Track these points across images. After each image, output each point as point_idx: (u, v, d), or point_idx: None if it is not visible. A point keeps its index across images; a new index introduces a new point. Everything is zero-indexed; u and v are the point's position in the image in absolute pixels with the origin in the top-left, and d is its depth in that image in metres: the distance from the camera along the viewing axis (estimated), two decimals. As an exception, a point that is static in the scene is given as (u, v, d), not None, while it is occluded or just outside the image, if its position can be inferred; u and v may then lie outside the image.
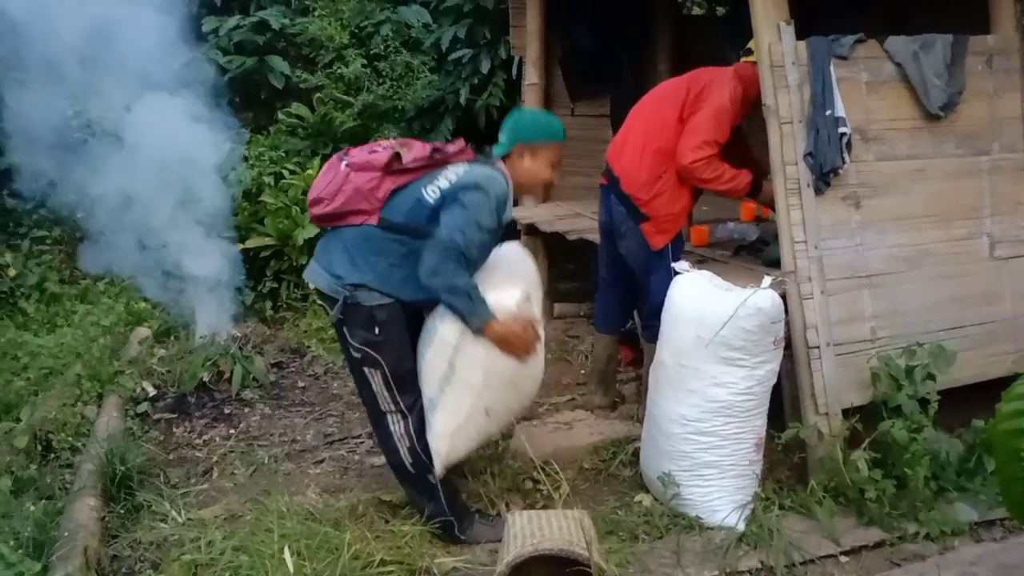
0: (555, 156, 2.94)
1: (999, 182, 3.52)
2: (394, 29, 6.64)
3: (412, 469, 2.94)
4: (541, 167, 2.91)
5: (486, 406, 2.78)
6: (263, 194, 5.79)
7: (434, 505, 2.98)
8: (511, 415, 2.98)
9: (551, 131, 2.95)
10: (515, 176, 2.90)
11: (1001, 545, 2.98)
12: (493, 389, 2.77)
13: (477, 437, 2.90)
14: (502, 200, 2.79)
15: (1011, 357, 3.52)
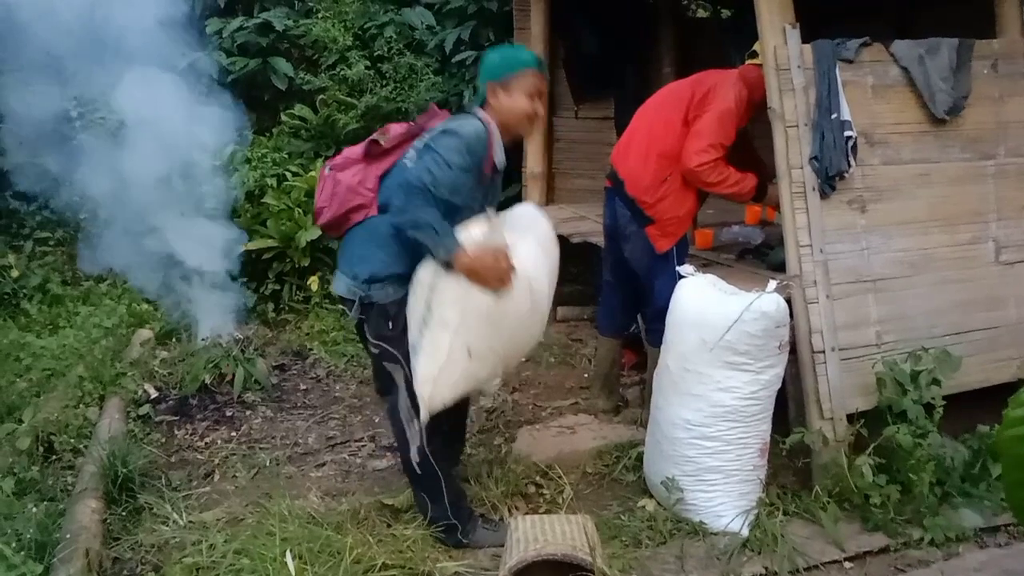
0: (529, 86, 2.78)
1: (1005, 187, 3.51)
2: (398, 31, 6.64)
3: (419, 469, 2.92)
4: (517, 100, 2.77)
5: (467, 346, 2.64)
6: (266, 196, 5.79)
7: (437, 508, 2.97)
8: (499, 357, 2.76)
9: (518, 62, 2.81)
10: (498, 118, 2.79)
11: (1006, 551, 2.96)
12: (471, 327, 2.63)
13: (463, 381, 2.70)
14: (476, 139, 2.69)
15: (1016, 362, 3.50)
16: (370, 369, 4.92)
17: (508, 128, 2.82)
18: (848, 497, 3.10)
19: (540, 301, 2.82)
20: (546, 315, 2.92)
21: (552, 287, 2.94)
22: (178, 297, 5.12)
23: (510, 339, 2.75)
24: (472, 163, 2.68)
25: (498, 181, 2.94)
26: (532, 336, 2.89)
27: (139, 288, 5.38)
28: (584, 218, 5.00)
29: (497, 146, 2.79)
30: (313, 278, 5.77)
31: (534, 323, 2.84)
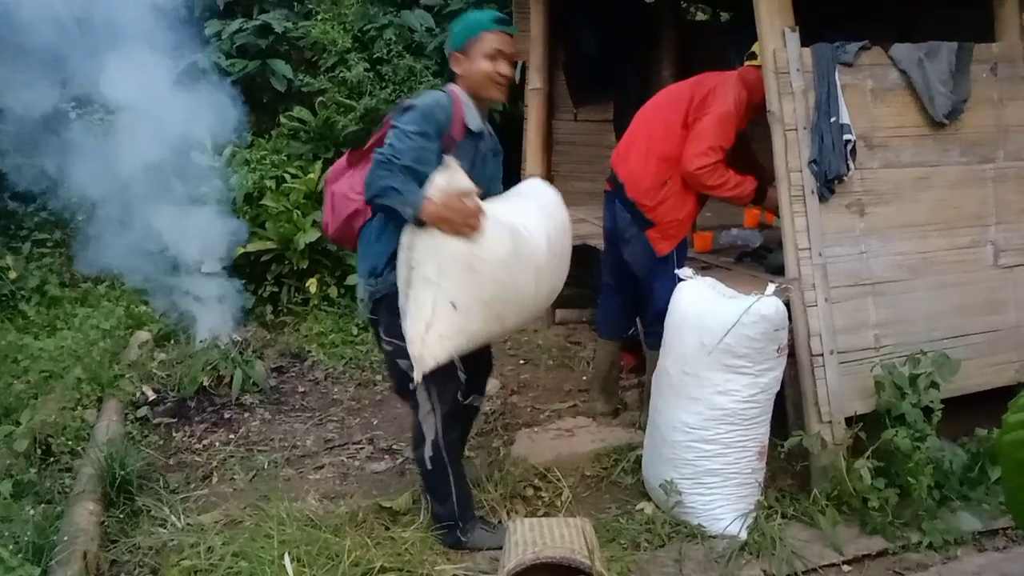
0: (487, 47, 2.75)
1: (1004, 190, 3.51)
2: (397, 33, 6.63)
3: (430, 464, 2.92)
4: (477, 63, 2.76)
5: (450, 298, 2.58)
6: (264, 198, 5.78)
7: (443, 508, 2.98)
8: (491, 311, 2.67)
9: (473, 26, 2.80)
10: (465, 85, 2.81)
11: (1004, 555, 2.96)
12: (451, 277, 2.59)
13: (453, 336, 2.63)
14: (435, 105, 2.71)
15: (1015, 366, 3.51)
16: (368, 371, 4.95)
17: (478, 93, 2.81)
18: (846, 500, 3.09)
19: (534, 253, 2.72)
20: (551, 276, 2.83)
21: (560, 250, 2.89)
22: (176, 299, 5.12)
23: (498, 289, 2.65)
24: (432, 129, 2.68)
25: (486, 153, 2.92)
26: (526, 290, 2.73)
27: (137, 290, 5.37)
28: (583, 221, 5.00)
29: (469, 111, 2.79)
30: (312, 280, 5.76)
31: (525, 273, 2.71)
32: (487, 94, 2.81)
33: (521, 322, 2.96)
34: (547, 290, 2.87)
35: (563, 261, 2.95)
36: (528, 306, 2.82)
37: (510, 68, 2.81)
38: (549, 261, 2.80)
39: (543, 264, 2.77)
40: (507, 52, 2.79)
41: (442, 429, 2.88)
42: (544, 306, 3.03)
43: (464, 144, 2.79)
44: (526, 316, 2.91)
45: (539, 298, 2.85)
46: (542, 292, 2.83)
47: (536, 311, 2.98)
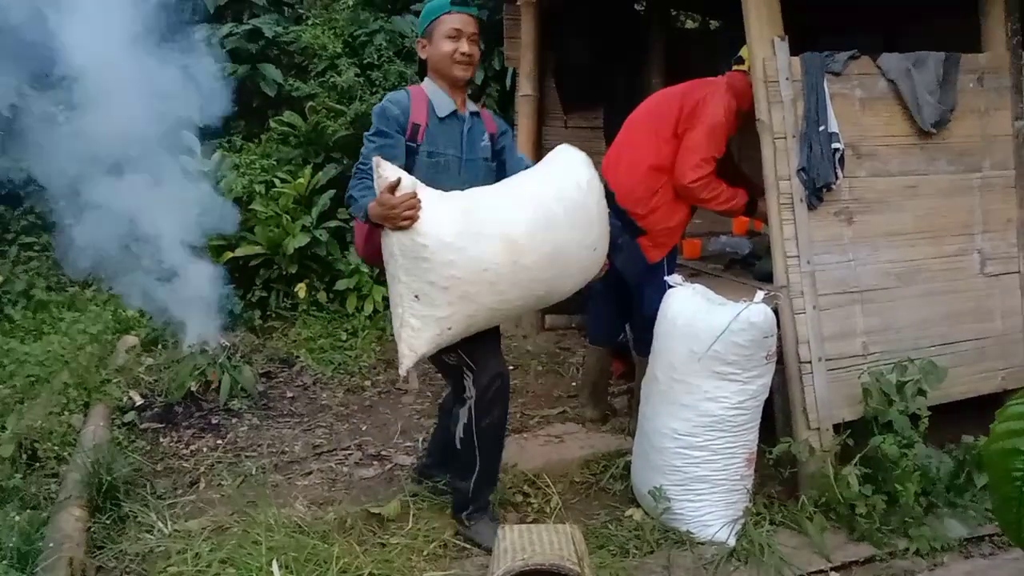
0: (446, 28, 2.84)
1: (990, 199, 3.54)
2: (388, 39, 6.64)
3: (459, 445, 2.98)
4: (438, 46, 2.86)
5: (412, 291, 2.65)
6: (253, 202, 5.77)
7: (461, 484, 3.05)
8: (450, 293, 2.61)
9: (434, 9, 2.88)
10: (432, 67, 2.91)
11: (990, 561, 2.98)
12: (407, 269, 2.64)
13: (426, 327, 2.65)
14: (389, 102, 2.84)
15: (1001, 374, 3.53)
16: (357, 377, 4.94)
17: (444, 75, 2.90)
18: (834, 507, 3.11)
19: (502, 223, 2.65)
20: (545, 242, 2.69)
21: (562, 213, 2.74)
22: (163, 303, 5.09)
23: (453, 270, 2.59)
24: (387, 125, 2.81)
25: (474, 132, 2.96)
26: (495, 262, 2.63)
27: (123, 294, 5.34)
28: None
29: (436, 98, 2.89)
30: (300, 285, 5.76)
31: (487, 247, 2.62)
32: (451, 74, 2.88)
33: (514, 297, 2.74)
34: (538, 256, 2.69)
35: (573, 226, 2.78)
36: (509, 278, 2.67)
37: (471, 46, 2.87)
38: (536, 227, 2.68)
39: (521, 232, 2.65)
40: (467, 32, 2.86)
41: (476, 414, 2.91)
42: (551, 274, 2.77)
43: (438, 128, 2.88)
44: (517, 290, 2.72)
45: (528, 268, 2.68)
46: (528, 260, 2.67)
47: (534, 281, 2.74)
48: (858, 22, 5.31)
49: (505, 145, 3.09)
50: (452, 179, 2.85)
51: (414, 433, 4.18)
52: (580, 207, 2.83)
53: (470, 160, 2.94)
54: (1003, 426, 1.26)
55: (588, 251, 2.88)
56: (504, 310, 2.79)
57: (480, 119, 3.01)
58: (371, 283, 5.80)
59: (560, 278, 2.84)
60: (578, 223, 2.82)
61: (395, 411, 4.51)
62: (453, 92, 2.92)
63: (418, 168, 2.81)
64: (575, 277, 2.90)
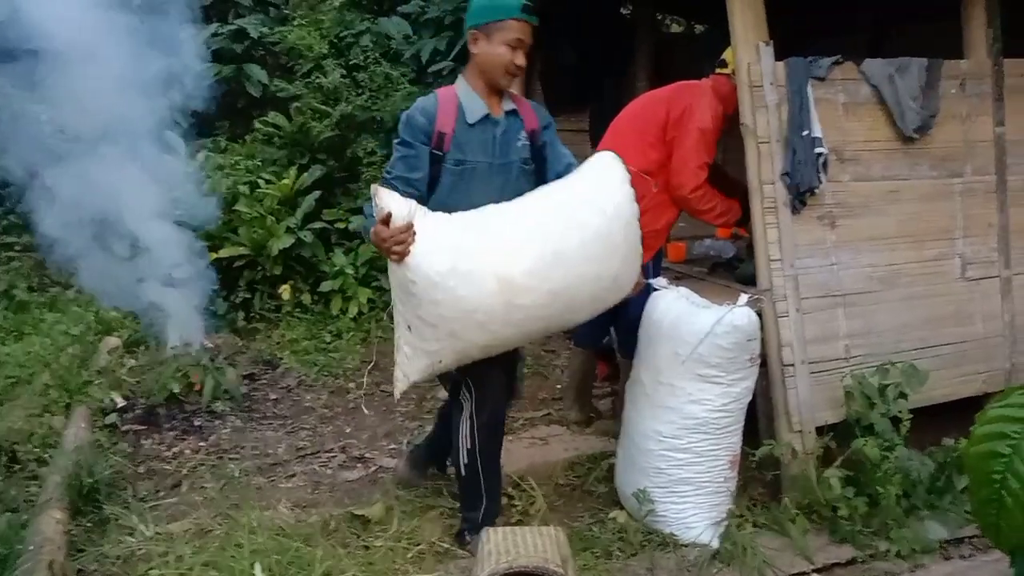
0: (510, 36, 2.71)
1: (971, 204, 3.57)
2: (374, 40, 6.63)
3: (464, 471, 2.94)
4: (495, 48, 2.73)
5: (406, 320, 2.63)
6: (238, 203, 5.74)
7: (470, 513, 3.00)
8: (437, 329, 2.56)
9: (501, 9, 2.72)
10: (477, 65, 2.79)
11: (970, 563, 3.00)
12: (400, 299, 2.63)
13: (417, 357, 2.64)
14: (416, 110, 2.78)
15: (982, 377, 3.56)
16: (341, 379, 4.93)
17: (487, 76, 2.79)
18: (817, 509, 3.13)
19: (496, 264, 2.54)
20: (549, 280, 2.57)
21: (578, 243, 2.61)
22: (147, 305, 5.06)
23: (440, 309, 2.53)
24: (411, 135, 2.75)
25: (507, 137, 2.82)
26: (487, 304, 2.53)
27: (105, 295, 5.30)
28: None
29: (468, 102, 2.78)
30: (285, 287, 5.73)
31: (478, 287, 2.52)
32: (498, 81, 2.78)
33: (509, 335, 2.65)
34: (538, 295, 2.57)
35: (586, 259, 2.62)
36: (502, 318, 2.56)
37: (525, 59, 2.79)
38: (541, 264, 2.56)
39: (520, 271, 2.54)
40: (526, 43, 2.78)
41: (480, 439, 2.88)
42: (553, 311, 2.65)
43: (467, 134, 2.77)
44: (511, 329, 2.62)
45: (524, 308, 2.57)
46: (526, 300, 2.56)
47: (531, 320, 2.63)
48: (843, 27, 5.35)
49: (547, 140, 2.93)
50: (482, 186, 2.77)
51: (398, 435, 4.17)
52: (600, 236, 2.65)
53: (503, 165, 2.82)
54: (983, 429, 1.27)
55: (605, 282, 2.71)
56: (499, 345, 2.70)
57: (518, 117, 2.86)
58: (356, 285, 5.79)
59: (565, 313, 2.71)
60: (594, 255, 2.64)
61: (379, 413, 4.50)
62: (489, 94, 2.81)
63: (444, 177, 2.75)
64: (585, 309, 2.77)
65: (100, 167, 4.78)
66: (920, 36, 4.04)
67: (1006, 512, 1.21)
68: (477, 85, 2.81)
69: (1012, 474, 1.21)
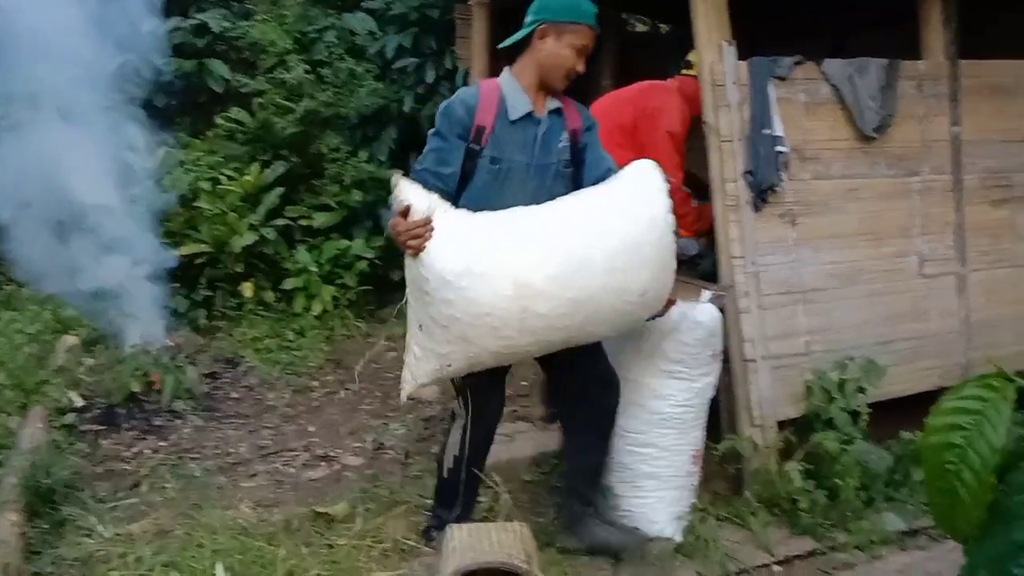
0: (580, 41, 2.66)
1: (929, 203, 3.64)
2: (338, 36, 6.58)
3: (447, 475, 2.92)
4: (564, 50, 2.65)
5: (418, 319, 2.56)
6: (199, 199, 5.67)
7: (442, 511, 2.98)
8: (448, 331, 2.48)
9: (580, 13, 2.67)
10: (537, 60, 2.68)
11: (926, 553, 3.06)
12: (414, 296, 2.57)
13: (426, 359, 2.57)
14: (455, 101, 2.68)
15: (938, 371, 3.63)
16: (304, 377, 4.89)
17: (544, 73, 2.69)
18: (777, 502, 3.16)
19: (514, 267, 2.44)
20: (570, 289, 2.46)
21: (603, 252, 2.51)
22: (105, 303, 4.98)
23: (451, 310, 2.45)
24: (447, 127, 2.64)
25: (548, 137, 2.72)
26: (500, 308, 2.44)
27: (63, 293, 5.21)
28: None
29: (512, 97, 2.69)
30: (247, 284, 5.67)
31: (493, 290, 2.43)
32: (554, 82, 2.71)
33: (524, 343, 2.53)
34: (558, 303, 2.47)
35: (611, 271, 2.51)
36: (516, 324, 2.46)
37: (584, 67, 2.74)
38: (563, 271, 2.46)
39: (541, 277, 2.44)
40: (589, 51, 2.72)
41: (470, 451, 2.85)
42: (573, 322, 2.52)
43: (507, 131, 2.67)
44: (527, 337, 2.51)
45: (542, 315, 2.47)
46: (543, 307, 2.45)
47: (549, 329, 2.51)
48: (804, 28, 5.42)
49: (588, 142, 2.80)
50: (518, 186, 2.67)
51: (362, 434, 4.15)
52: (629, 247, 2.53)
53: (541, 166, 2.70)
54: (937, 420, 1.29)
55: (631, 296, 2.57)
56: (512, 354, 2.60)
57: (560, 117, 2.75)
58: (319, 283, 5.75)
59: (586, 326, 2.57)
60: (621, 266, 2.52)
61: (343, 412, 4.48)
62: (536, 92, 2.72)
63: (478, 174, 2.65)
64: (608, 323, 2.62)
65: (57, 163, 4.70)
66: (881, 39, 4.10)
67: (960, 502, 1.23)
68: (525, 80, 2.71)
69: (966, 464, 1.24)
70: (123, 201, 5.07)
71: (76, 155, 4.76)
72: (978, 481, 1.22)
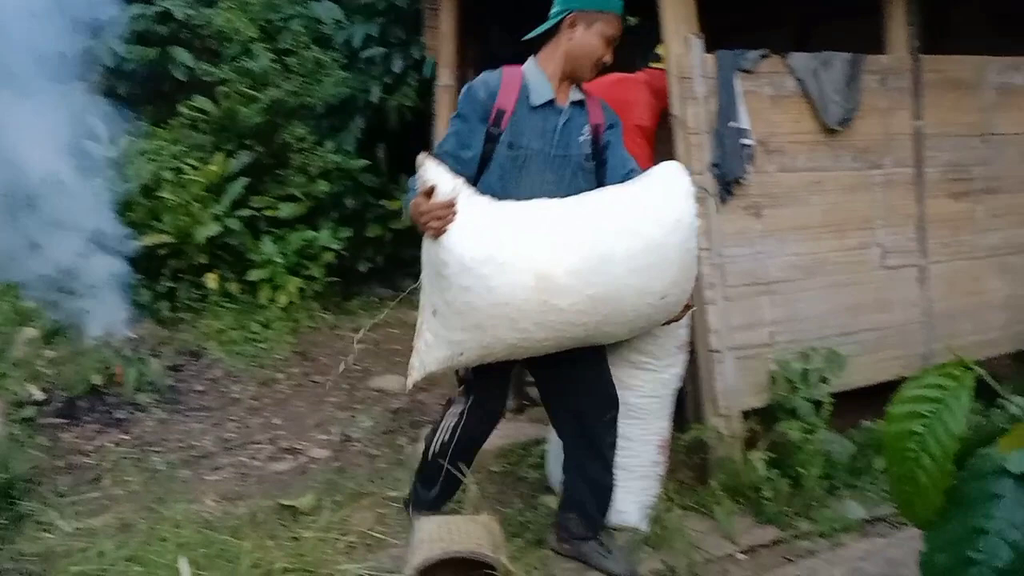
0: (609, 31, 2.63)
1: (891, 195, 3.69)
2: (304, 24, 6.51)
3: (429, 456, 2.86)
4: (595, 40, 2.62)
5: (432, 304, 2.48)
6: (161, 189, 5.58)
7: (422, 488, 2.92)
8: (464, 319, 2.41)
9: (609, 1, 2.65)
10: (566, 50, 2.64)
11: (888, 540, 3.10)
12: (431, 280, 2.49)
13: (438, 346, 2.49)
14: (478, 83, 2.66)
15: (899, 361, 3.69)
16: (269, 369, 4.84)
17: (573, 62, 2.66)
18: (742, 491, 3.20)
19: (536, 257, 2.39)
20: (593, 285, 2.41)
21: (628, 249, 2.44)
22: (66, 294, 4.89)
23: (469, 296, 2.38)
24: (469, 108, 2.61)
25: (569, 128, 2.67)
26: (520, 299, 2.38)
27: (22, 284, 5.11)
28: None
29: (535, 82, 2.66)
30: (211, 275, 5.60)
31: (512, 280, 2.37)
32: (581, 72, 2.67)
33: (541, 337, 2.47)
34: (578, 299, 2.41)
35: (632, 271, 2.46)
36: (535, 317, 2.41)
37: (612, 58, 2.71)
38: (586, 266, 2.41)
39: (563, 271, 2.39)
40: (616, 42, 2.69)
41: (458, 442, 2.79)
42: (592, 319, 2.47)
43: (527, 117, 2.63)
44: (544, 331, 2.45)
45: (561, 310, 2.41)
46: (564, 302, 2.40)
47: (568, 324, 2.46)
48: (770, 21, 5.46)
49: (610, 141, 2.75)
50: (536, 176, 2.62)
51: (328, 426, 4.13)
52: (652, 248, 2.48)
53: (560, 157, 2.65)
54: (898, 409, 1.31)
55: (651, 298, 2.52)
56: (527, 348, 2.53)
57: (583, 110, 2.71)
58: (285, 274, 5.69)
59: (604, 325, 2.52)
60: (642, 267, 2.47)
61: (309, 404, 4.44)
62: (560, 81, 2.67)
63: (497, 160, 2.60)
64: (627, 324, 2.59)
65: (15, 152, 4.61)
66: (844, 33, 4.14)
67: (920, 489, 1.25)
68: (550, 69, 2.68)
69: (926, 452, 1.26)
70: (84, 191, 4.98)
71: (35, 144, 4.67)
72: (938, 468, 1.24)
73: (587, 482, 2.88)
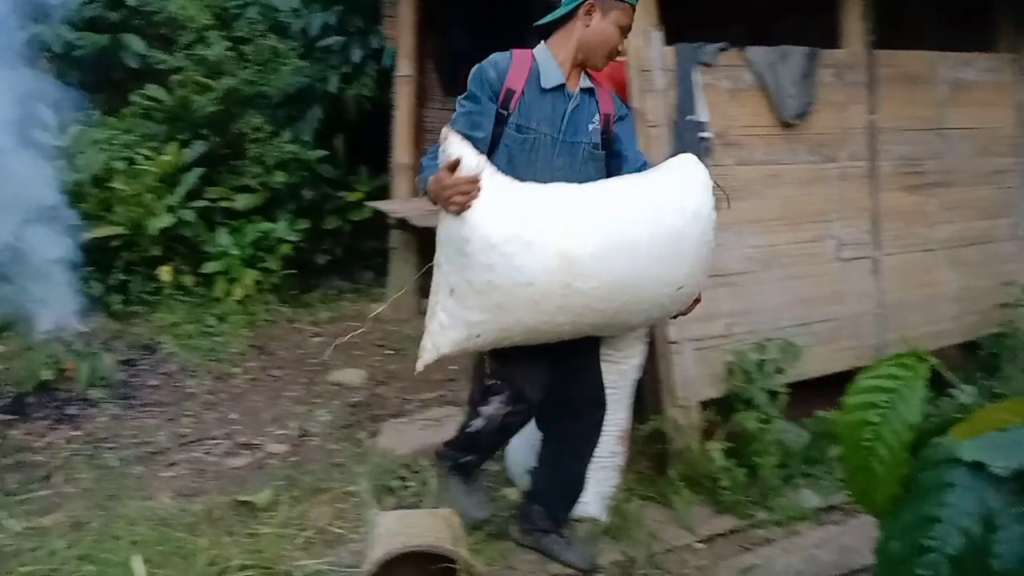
0: (624, 19, 2.59)
1: (846, 188, 3.74)
2: (260, 12, 6.42)
3: (462, 429, 2.82)
4: (610, 27, 2.57)
5: (449, 283, 2.41)
6: (113, 180, 5.46)
7: (458, 444, 2.86)
8: (485, 299, 2.37)
9: None
10: (580, 37, 2.59)
11: (842, 528, 3.16)
12: (449, 258, 2.42)
13: (454, 327, 2.44)
14: (487, 64, 2.59)
15: (853, 352, 3.74)
16: (225, 364, 4.77)
17: (587, 50, 2.61)
18: (700, 481, 3.22)
19: (558, 238, 2.34)
20: (614, 270, 2.38)
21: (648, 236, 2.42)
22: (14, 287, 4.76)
23: (491, 276, 2.34)
24: (479, 88, 2.55)
25: (578, 113, 2.63)
26: (542, 281, 2.34)
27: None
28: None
29: (545, 66, 2.61)
30: (165, 268, 5.50)
31: (536, 261, 2.33)
32: (594, 60, 2.63)
33: (561, 320, 2.43)
34: (599, 283, 2.38)
35: (653, 258, 2.44)
36: (557, 299, 2.37)
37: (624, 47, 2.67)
38: (608, 251, 2.38)
39: (586, 253, 2.35)
40: (630, 30, 2.67)
41: (497, 432, 2.74)
42: (611, 305, 2.44)
43: (536, 100, 2.59)
44: (565, 315, 2.41)
45: (583, 293, 2.38)
46: (586, 285, 2.37)
47: (588, 309, 2.42)
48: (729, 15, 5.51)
49: (619, 133, 2.73)
50: (544, 162, 2.57)
51: (286, 420, 4.07)
52: (672, 237, 2.47)
53: (568, 143, 2.61)
54: (854, 399, 1.33)
55: (668, 288, 2.51)
56: (546, 332, 2.47)
57: (593, 98, 2.67)
58: (241, 266, 5.61)
59: (622, 313, 2.49)
60: (662, 255, 2.45)
61: (266, 399, 4.39)
62: (570, 68, 2.63)
63: (506, 142, 2.56)
64: (646, 313, 2.57)
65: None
66: (801, 27, 4.20)
67: (875, 477, 1.27)
68: (561, 55, 2.63)
69: (881, 441, 1.28)
70: (32, 181, 4.86)
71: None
72: (893, 457, 1.26)
73: (561, 477, 2.88)
